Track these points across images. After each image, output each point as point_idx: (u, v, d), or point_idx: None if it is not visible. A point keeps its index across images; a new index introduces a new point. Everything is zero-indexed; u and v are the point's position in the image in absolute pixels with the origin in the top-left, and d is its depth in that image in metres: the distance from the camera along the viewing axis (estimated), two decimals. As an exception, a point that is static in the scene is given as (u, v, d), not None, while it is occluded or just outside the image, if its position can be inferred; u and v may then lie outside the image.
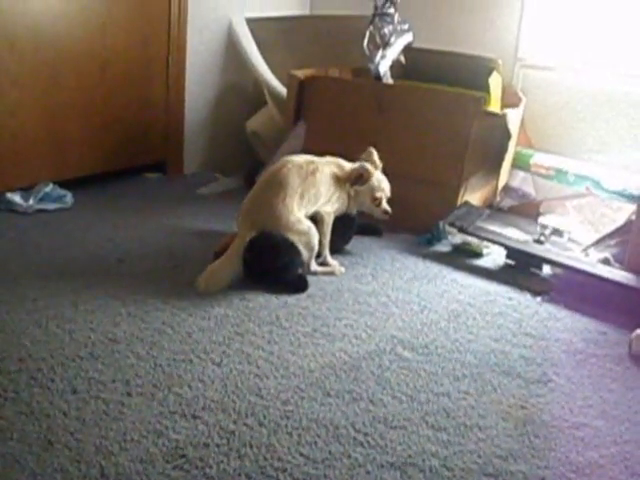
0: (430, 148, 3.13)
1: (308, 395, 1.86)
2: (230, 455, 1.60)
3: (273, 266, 2.49)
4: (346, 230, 2.86)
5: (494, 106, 3.30)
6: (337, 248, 2.81)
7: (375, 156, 2.81)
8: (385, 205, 2.77)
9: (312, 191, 2.60)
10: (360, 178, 2.72)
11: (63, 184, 3.19)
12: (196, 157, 3.90)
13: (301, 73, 3.39)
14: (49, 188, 3.11)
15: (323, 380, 1.94)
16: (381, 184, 2.77)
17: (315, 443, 1.67)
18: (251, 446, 1.64)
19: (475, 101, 3.09)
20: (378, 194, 2.75)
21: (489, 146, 3.24)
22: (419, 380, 1.99)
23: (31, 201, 3.04)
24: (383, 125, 3.18)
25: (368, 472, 1.59)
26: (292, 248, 2.50)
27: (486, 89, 3.27)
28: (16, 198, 3.04)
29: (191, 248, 2.77)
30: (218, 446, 1.63)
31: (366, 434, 1.72)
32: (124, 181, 3.55)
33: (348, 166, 2.75)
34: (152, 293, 2.37)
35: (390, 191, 2.80)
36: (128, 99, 3.46)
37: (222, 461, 1.58)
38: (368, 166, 2.73)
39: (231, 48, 3.88)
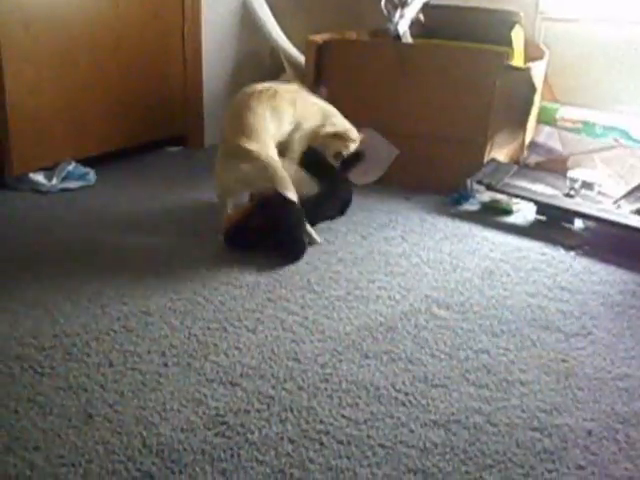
0: (454, 106, 3.08)
1: (346, 357, 1.84)
2: (271, 420, 1.59)
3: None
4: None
5: (517, 60, 3.24)
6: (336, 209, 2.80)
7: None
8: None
9: None
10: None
11: (85, 162, 3.17)
12: (216, 129, 3.86)
13: (319, 37, 3.33)
14: (71, 167, 3.09)
15: (360, 342, 1.92)
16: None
17: (356, 404, 1.65)
18: (292, 410, 1.62)
19: (498, 56, 3.03)
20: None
21: (514, 101, 3.19)
22: (457, 338, 1.97)
23: (54, 180, 3.03)
24: (405, 85, 3.13)
25: (412, 431, 1.57)
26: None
27: (509, 43, 3.20)
28: (39, 178, 3.02)
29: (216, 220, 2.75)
30: (259, 412, 1.61)
31: (407, 394, 1.70)
32: (146, 156, 3.53)
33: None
34: (181, 264, 2.36)
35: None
36: (145, 73, 3.43)
37: (264, 426, 1.56)
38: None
39: (246, 17, 3.83)
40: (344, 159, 2.86)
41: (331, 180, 2.76)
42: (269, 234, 2.44)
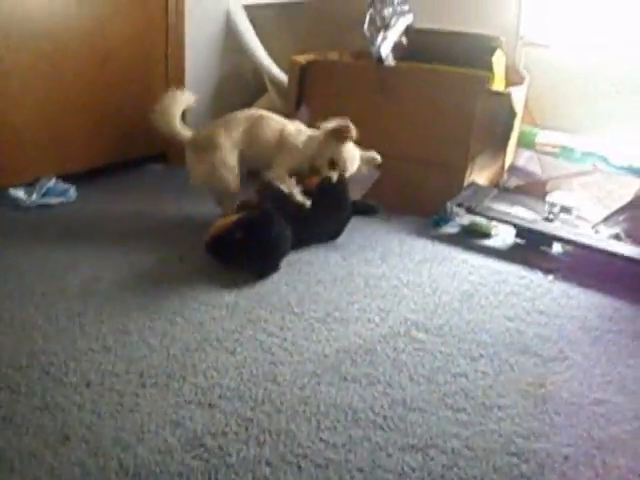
0: (435, 129, 3.10)
1: (324, 380, 1.84)
2: (249, 443, 1.58)
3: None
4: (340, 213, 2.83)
5: (498, 85, 3.26)
6: (329, 237, 2.81)
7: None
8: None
9: None
10: None
11: (66, 178, 3.16)
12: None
13: (302, 58, 3.35)
14: (52, 183, 3.08)
15: (339, 365, 1.92)
16: None
17: (334, 428, 1.65)
18: (270, 433, 1.62)
19: (479, 80, 3.06)
20: None
21: (494, 125, 3.21)
22: (435, 361, 1.97)
23: (34, 196, 3.01)
24: (386, 108, 3.15)
25: (389, 455, 1.57)
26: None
27: (489, 68, 3.23)
28: (19, 194, 3.00)
29: (197, 238, 2.73)
30: (237, 434, 1.61)
31: (385, 417, 1.70)
32: (127, 173, 3.52)
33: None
34: (161, 283, 2.35)
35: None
36: (128, 91, 3.42)
37: (241, 449, 1.56)
38: None
39: (230, 36, 3.84)
40: (357, 205, 2.90)
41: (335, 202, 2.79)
42: (247, 246, 2.44)
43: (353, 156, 2.77)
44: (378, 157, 2.82)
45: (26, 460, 1.49)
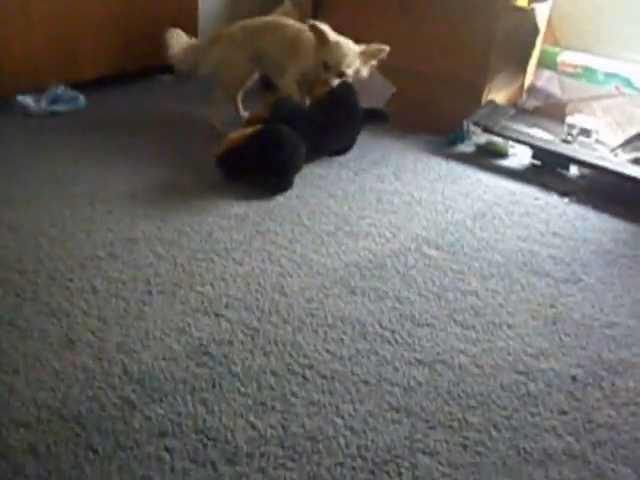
0: (454, 46, 3.00)
1: (333, 293, 1.82)
2: (255, 352, 1.57)
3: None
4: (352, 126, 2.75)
5: (521, 0, 3.15)
6: (343, 147, 2.75)
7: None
8: None
9: None
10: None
11: (75, 86, 3.09)
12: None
13: (320, -31, 3.24)
14: (60, 90, 3.02)
15: (347, 278, 1.89)
16: None
17: (341, 340, 1.64)
18: (276, 343, 1.61)
19: (502, -5, 2.95)
20: None
21: (515, 43, 3.12)
22: (446, 278, 1.94)
23: (43, 103, 2.95)
24: (405, 23, 3.05)
25: (396, 369, 1.56)
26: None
27: (513, -18, 3.12)
28: (28, 100, 2.95)
29: (208, 150, 2.68)
30: (242, 343, 1.60)
31: (393, 331, 1.69)
32: (136, 83, 3.44)
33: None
34: (170, 193, 2.32)
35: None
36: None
37: (247, 358, 1.55)
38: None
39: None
40: (368, 113, 2.80)
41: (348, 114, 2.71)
42: (260, 163, 2.39)
43: (343, 54, 2.66)
44: (385, 47, 2.69)
45: (30, 363, 1.48)
